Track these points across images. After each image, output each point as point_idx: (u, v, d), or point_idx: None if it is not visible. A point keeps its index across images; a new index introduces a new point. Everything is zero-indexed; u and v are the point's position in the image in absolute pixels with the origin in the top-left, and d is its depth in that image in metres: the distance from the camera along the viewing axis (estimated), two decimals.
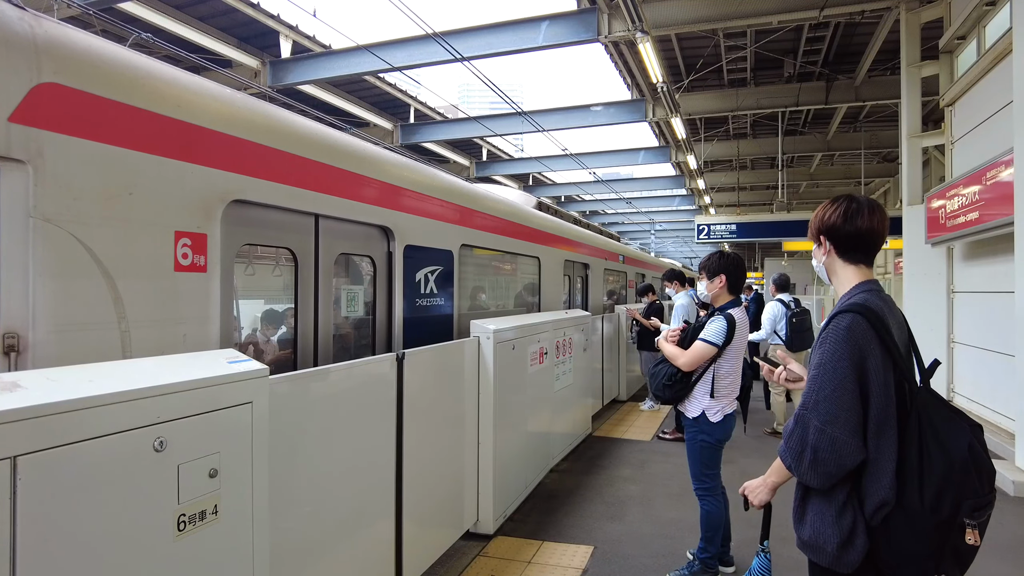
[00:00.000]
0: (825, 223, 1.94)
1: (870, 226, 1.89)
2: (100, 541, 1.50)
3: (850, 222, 1.89)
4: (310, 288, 3.57)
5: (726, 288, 3.58)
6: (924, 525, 1.61)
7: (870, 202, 1.92)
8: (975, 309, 7.92)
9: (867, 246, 1.92)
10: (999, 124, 6.81)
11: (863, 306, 1.75)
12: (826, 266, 2.00)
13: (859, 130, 15.99)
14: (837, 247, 1.94)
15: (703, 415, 3.48)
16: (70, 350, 2.12)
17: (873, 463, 1.69)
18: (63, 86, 2.12)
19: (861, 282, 1.89)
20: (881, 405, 1.69)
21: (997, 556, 3.94)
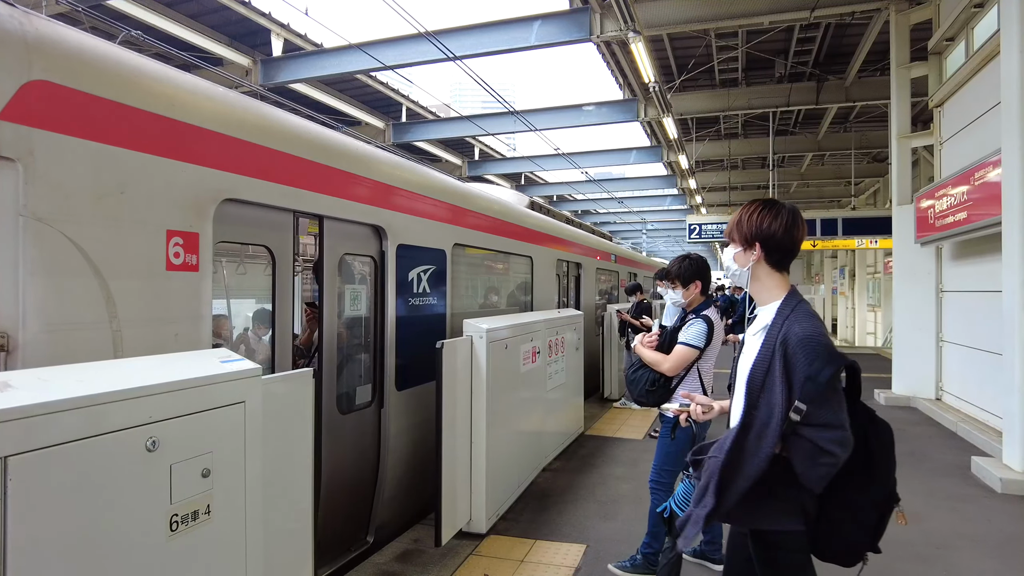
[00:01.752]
0: (764, 230, 1.93)
1: (801, 237, 1.95)
2: (92, 542, 1.49)
3: (789, 233, 1.92)
4: (288, 288, 3.39)
5: (700, 291, 3.63)
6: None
7: (798, 211, 1.97)
8: (963, 308, 7.99)
9: (793, 256, 1.97)
10: (987, 125, 6.87)
11: (819, 319, 1.86)
12: (751, 272, 1.98)
13: (849, 130, 16.09)
14: (768, 255, 1.95)
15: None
16: (61, 349, 2.11)
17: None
18: (53, 84, 2.11)
19: (792, 292, 1.94)
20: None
21: (984, 552, 3.98)
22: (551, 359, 5.78)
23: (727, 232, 2.07)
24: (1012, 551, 4.01)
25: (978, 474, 5.54)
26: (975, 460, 5.67)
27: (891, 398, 9.06)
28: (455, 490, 4.07)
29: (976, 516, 4.62)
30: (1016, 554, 3.97)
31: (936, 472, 5.67)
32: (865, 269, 24.27)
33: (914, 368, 9.02)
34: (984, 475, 5.42)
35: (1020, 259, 5.23)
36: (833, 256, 30.48)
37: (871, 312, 23.66)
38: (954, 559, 3.88)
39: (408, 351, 4.30)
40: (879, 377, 10.83)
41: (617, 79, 12.67)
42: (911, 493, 5.08)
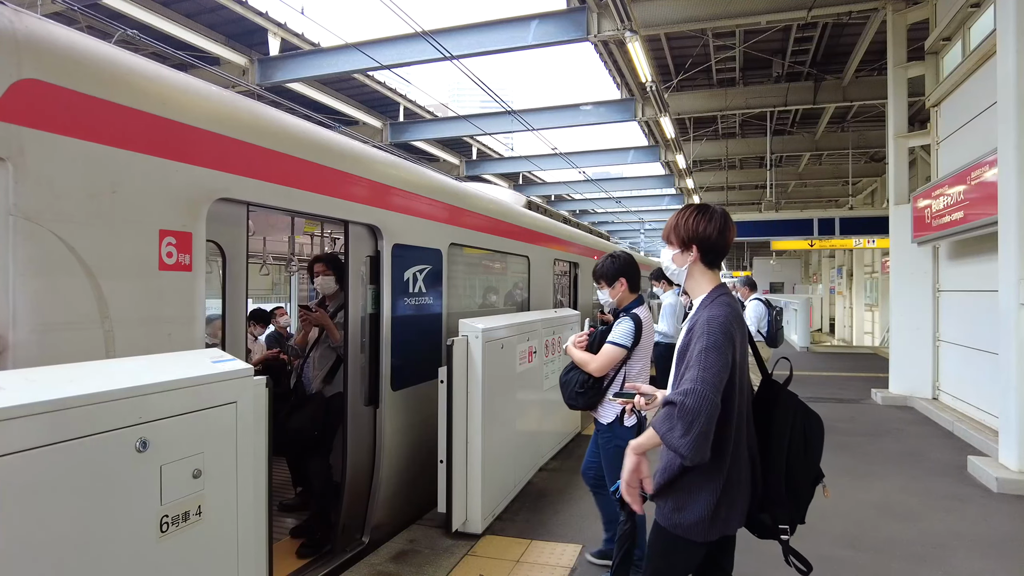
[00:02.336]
0: (699, 234, 2.11)
1: (732, 238, 2.16)
2: (81, 543, 1.48)
3: (722, 236, 2.12)
4: (241, 287, 3.33)
5: (627, 289, 3.56)
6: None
7: (728, 214, 2.16)
8: (960, 308, 8.00)
9: (723, 257, 2.19)
10: (983, 125, 6.88)
11: (732, 308, 2.03)
12: (687, 271, 2.17)
13: (847, 130, 16.12)
14: (703, 255, 2.14)
15: (617, 420, 3.41)
16: (52, 350, 2.10)
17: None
18: (44, 82, 2.10)
19: (718, 286, 2.12)
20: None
21: (980, 552, 3.98)
22: (548, 359, 5.77)
23: (664, 235, 2.23)
24: (1008, 550, 4.01)
25: (974, 473, 5.54)
26: (971, 460, 5.68)
27: (888, 398, 9.07)
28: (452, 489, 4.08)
29: (972, 515, 4.62)
30: (1012, 553, 3.97)
31: (933, 472, 5.67)
32: (863, 269, 24.33)
33: (911, 368, 9.02)
34: (980, 474, 5.43)
35: (1016, 258, 5.24)
36: (831, 256, 30.56)
37: (869, 312, 23.72)
38: (950, 558, 3.88)
39: (404, 351, 4.29)
40: (876, 377, 10.85)
41: (615, 79, 12.68)
42: (907, 493, 5.09)
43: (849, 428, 7.43)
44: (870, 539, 4.17)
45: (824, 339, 27.78)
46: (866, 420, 7.92)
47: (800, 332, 17.69)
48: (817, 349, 17.84)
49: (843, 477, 5.49)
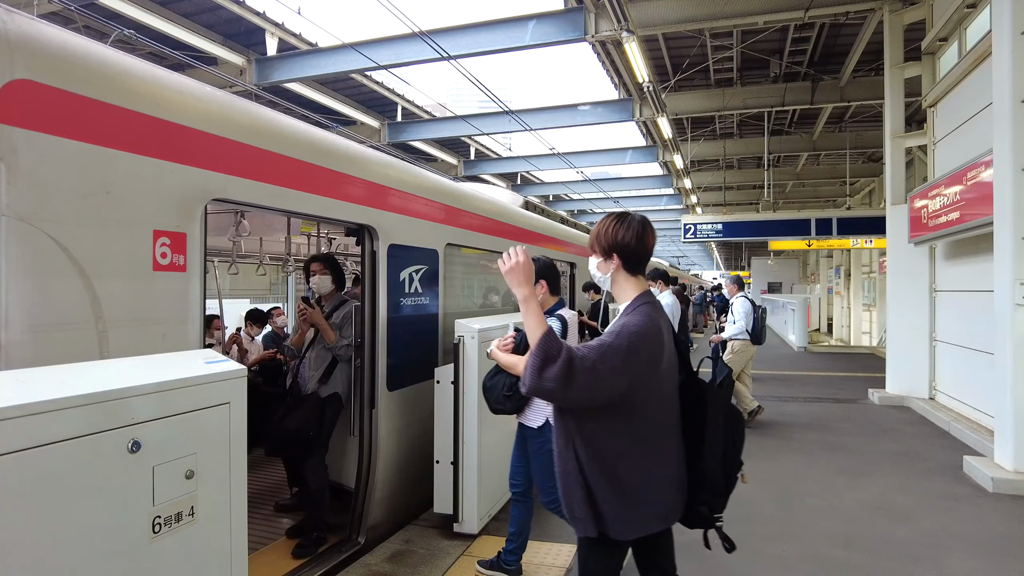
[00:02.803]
0: (619, 242, 2.17)
1: (653, 244, 2.22)
2: (72, 544, 1.48)
3: (641, 243, 2.18)
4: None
5: (547, 292, 3.56)
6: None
7: (648, 222, 2.23)
8: (956, 308, 8.02)
9: (646, 262, 2.23)
10: (980, 125, 6.89)
11: (651, 318, 2.05)
12: (611, 278, 2.22)
13: (844, 130, 16.14)
14: (625, 263, 2.19)
15: (548, 423, 3.37)
16: (45, 351, 2.10)
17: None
18: (37, 83, 2.10)
19: (642, 294, 2.17)
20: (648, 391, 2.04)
21: (975, 552, 3.98)
22: None
23: (589, 244, 2.28)
24: (1003, 550, 4.02)
25: (970, 473, 5.55)
26: (967, 459, 5.69)
27: (885, 397, 9.08)
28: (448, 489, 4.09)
29: (967, 515, 4.63)
30: (1007, 553, 3.98)
31: (929, 471, 5.68)
32: (860, 269, 24.36)
33: (908, 368, 9.04)
34: (976, 474, 5.44)
35: (1011, 259, 5.25)
36: (829, 256, 30.59)
37: (866, 312, 23.75)
38: (945, 558, 3.89)
39: (400, 351, 4.30)
40: (873, 377, 10.87)
41: (612, 79, 12.69)
42: (903, 493, 5.10)
43: (846, 428, 7.45)
44: (865, 539, 4.17)
45: (822, 339, 27.81)
46: (863, 420, 7.93)
47: (798, 332, 17.70)
48: (815, 349, 17.85)
49: (839, 477, 5.50)
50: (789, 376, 12.09)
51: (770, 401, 9.25)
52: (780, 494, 5.06)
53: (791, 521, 4.49)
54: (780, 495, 5.03)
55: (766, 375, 12.13)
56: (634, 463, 2.04)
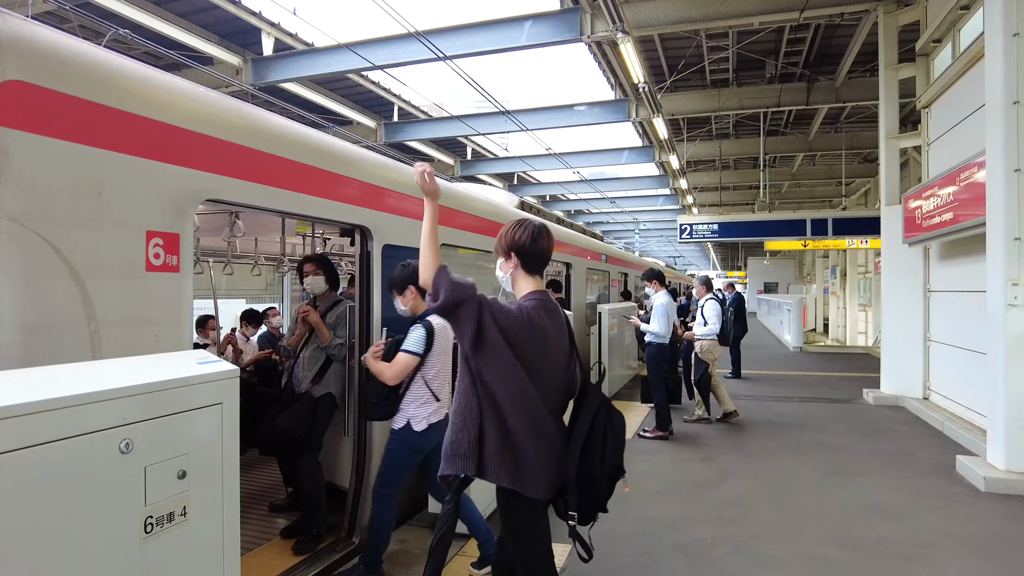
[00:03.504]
0: (516, 243, 2.42)
1: (548, 247, 2.46)
2: (63, 545, 1.48)
3: (535, 243, 2.42)
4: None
5: (418, 297, 3.59)
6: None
7: (545, 227, 2.47)
8: (950, 308, 8.06)
9: (543, 262, 2.47)
10: (973, 126, 6.92)
11: (529, 310, 2.31)
12: (511, 277, 2.47)
13: (840, 131, 16.18)
14: (523, 262, 2.43)
15: (408, 425, 3.45)
16: (37, 351, 2.10)
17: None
18: (29, 84, 2.10)
19: (535, 291, 2.42)
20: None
21: (967, 551, 4.01)
22: None
23: (494, 248, 2.51)
24: (994, 550, 4.04)
25: (963, 473, 5.58)
26: (960, 459, 5.72)
27: (879, 397, 9.12)
28: None
29: (960, 515, 4.65)
30: (998, 552, 4.00)
31: (922, 471, 5.71)
32: (856, 269, 24.42)
33: (902, 367, 9.08)
34: (968, 474, 5.47)
35: (1003, 260, 5.28)
36: (825, 256, 30.67)
37: (862, 312, 23.80)
38: (937, 558, 3.91)
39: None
40: (868, 377, 10.90)
41: (608, 79, 12.69)
42: (897, 492, 5.12)
43: (840, 428, 7.47)
44: (858, 538, 4.19)
45: (818, 339, 27.88)
46: (857, 420, 7.97)
47: (793, 332, 17.75)
48: (810, 349, 17.91)
49: (833, 477, 5.52)
50: (784, 376, 12.13)
51: (765, 401, 9.29)
52: (774, 494, 5.08)
53: (785, 521, 4.51)
54: (774, 495, 5.06)
55: (761, 375, 12.16)
56: (519, 425, 2.24)
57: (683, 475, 5.59)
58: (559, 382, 2.41)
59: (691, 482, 5.39)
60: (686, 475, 5.59)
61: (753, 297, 38.22)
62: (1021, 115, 5.23)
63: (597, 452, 2.33)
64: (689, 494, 5.09)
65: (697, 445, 6.65)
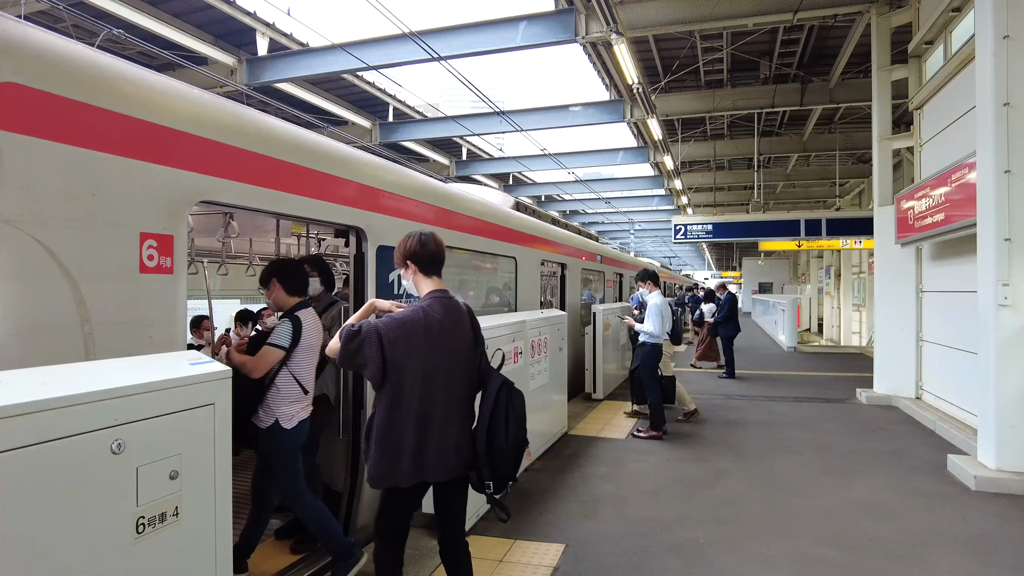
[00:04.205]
0: (409, 251, 2.77)
1: (435, 248, 2.79)
2: (54, 545, 1.49)
3: (424, 248, 2.76)
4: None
5: (284, 292, 3.53)
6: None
7: (431, 233, 2.82)
8: (942, 308, 8.10)
9: (436, 263, 2.80)
10: (964, 128, 6.97)
11: (427, 310, 2.63)
12: (413, 282, 2.80)
13: (834, 131, 16.25)
14: (419, 267, 2.76)
15: (277, 423, 3.36)
16: (31, 353, 2.10)
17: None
18: (22, 86, 2.10)
19: (433, 291, 2.75)
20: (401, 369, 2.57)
21: (957, 550, 4.04)
22: (534, 359, 5.80)
23: (395, 263, 2.87)
24: (984, 548, 4.07)
25: (954, 472, 5.62)
26: (951, 458, 5.75)
27: (873, 397, 9.16)
28: None
29: (951, 514, 4.68)
30: (988, 551, 4.03)
31: (914, 470, 5.75)
32: (850, 269, 24.53)
33: (895, 367, 9.12)
34: (960, 473, 5.50)
35: (994, 260, 5.31)
36: (819, 256, 30.78)
37: (856, 312, 23.91)
38: (927, 556, 3.94)
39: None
40: (862, 376, 10.95)
41: (603, 80, 12.73)
42: (889, 491, 5.15)
43: (834, 428, 7.51)
44: (851, 537, 4.22)
45: (812, 339, 27.99)
46: (851, 420, 8.00)
47: (787, 332, 17.81)
48: (804, 349, 17.97)
49: (827, 476, 5.55)
50: (778, 376, 12.17)
51: (759, 401, 9.32)
52: (768, 493, 5.10)
53: (778, 520, 4.53)
54: (768, 494, 5.08)
55: (755, 375, 12.20)
56: (400, 426, 2.56)
57: (677, 475, 5.61)
58: (462, 370, 2.75)
59: (685, 482, 5.41)
60: (680, 475, 5.62)
61: (748, 297, 38.36)
62: (1011, 117, 5.27)
63: (501, 427, 2.65)
64: (683, 494, 5.11)
65: (691, 445, 6.68)
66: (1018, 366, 5.27)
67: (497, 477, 2.68)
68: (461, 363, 2.74)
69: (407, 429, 2.56)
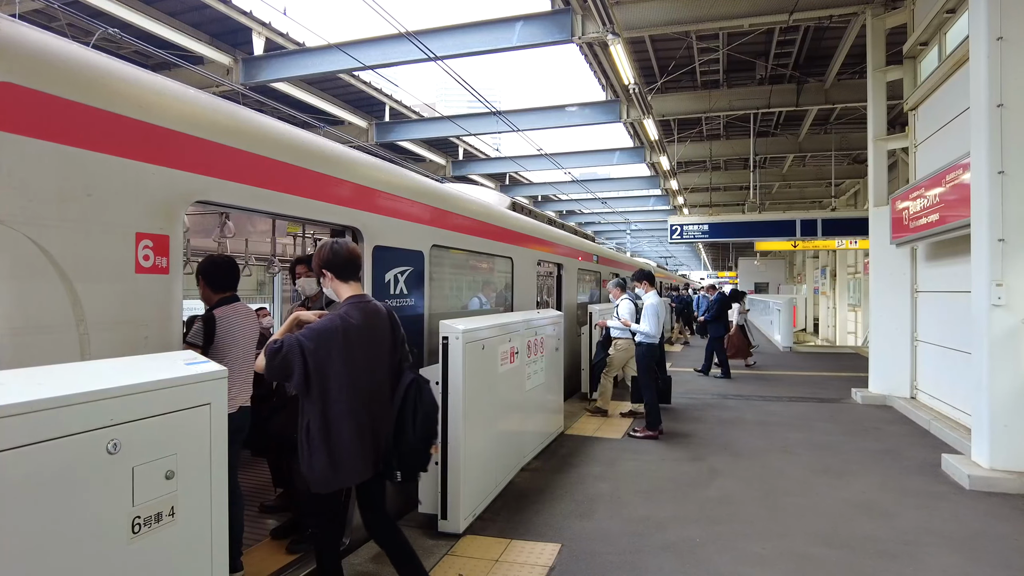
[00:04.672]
0: (323, 260, 2.90)
1: (348, 254, 2.92)
2: (49, 545, 1.49)
3: (336, 255, 2.89)
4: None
5: (209, 289, 3.53)
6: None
7: (344, 242, 2.96)
8: (936, 308, 8.14)
9: (352, 269, 2.94)
10: (959, 128, 7.00)
11: (340, 319, 2.76)
12: (333, 289, 2.93)
13: (830, 132, 16.28)
14: (335, 274, 2.91)
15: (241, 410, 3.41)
16: (25, 353, 2.10)
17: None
18: (17, 85, 2.10)
19: (351, 295, 2.90)
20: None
21: (951, 548, 4.06)
22: (530, 359, 5.81)
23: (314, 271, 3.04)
24: (978, 546, 4.09)
25: (948, 471, 5.65)
26: (945, 457, 5.78)
27: (868, 397, 9.19)
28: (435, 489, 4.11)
29: (945, 512, 4.71)
30: (982, 549, 4.05)
31: (908, 470, 5.77)
32: (846, 269, 24.59)
33: (890, 367, 9.16)
34: (954, 472, 5.53)
35: (988, 260, 5.34)
36: (815, 256, 30.85)
37: (852, 312, 23.98)
38: (922, 555, 3.96)
39: None
40: (857, 376, 10.99)
41: (600, 80, 12.73)
42: (883, 491, 5.18)
43: (829, 428, 7.53)
44: (845, 536, 4.24)
45: (808, 339, 28.05)
46: (846, 419, 8.03)
47: (783, 332, 17.86)
48: (800, 349, 18.02)
49: (822, 476, 5.57)
50: (774, 376, 12.20)
51: (755, 401, 9.35)
52: (763, 493, 5.12)
53: (773, 519, 4.55)
54: (763, 494, 5.10)
55: (751, 375, 12.24)
56: (337, 429, 2.68)
57: (672, 474, 5.63)
58: (384, 369, 2.93)
59: (680, 481, 5.43)
60: (675, 474, 5.63)
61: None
62: (1005, 118, 5.29)
63: (409, 421, 2.85)
64: (678, 493, 5.12)
65: (686, 444, 6.69)
66: (1011, 366, 5.30)
67: (405, 467, 2.87)
68: (382, 363, 2.92)
69: (343, 431, 2.69)
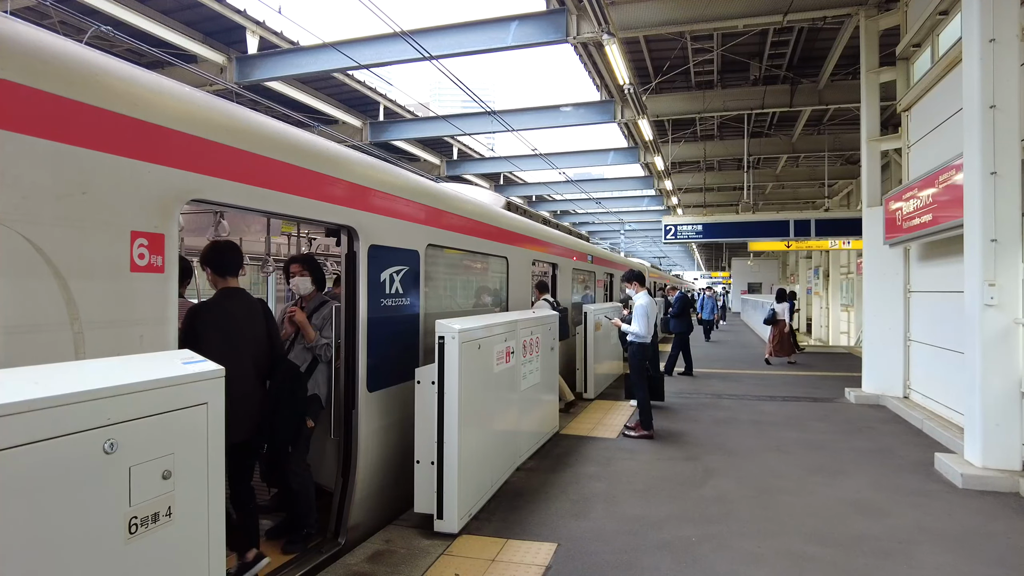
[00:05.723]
0: (204, 259, 3.40)
1: (228, 252, 3.42)
2: (45, 546, 1.48)
3: (217, 255, 3.37)
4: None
5: (216, 275, 3.48)
6: None
7: (226, 241, 3.54)
8: (929, 308, 8.19)
9: (231, 266, 3.42)
10: (951, 129, 7.04)
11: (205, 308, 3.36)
12: (211, 282, 3.38)
13: (823, 133, 16.36)
14: (214, 270, 3.36)
15: None
16: (19, 352, 2.09)
17: None
18: (10, 82, 2.08)
19: (223, 288, 3.39)
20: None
21: (944, 546, 4.08)
22: (525, 359, 5.80)
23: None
24: (970, 544, 4.12)
25: (941, 470, 5.68)
26: (938, 456, 5.81)
27: (861, 396, 9.24)
28: (431, 488, 4.11)
29: (937, 511, 4.74)
30: (974, 547, 4.08)
31: (901, 469, 5.80)
32: (839, 269, 24.68)
33: (883, 367, 9.20)
34: (946, 471, 5.56)
35: (980, 260, 5.38)
36: (808, 256, 30.96)
37: (844, 312, 24.06)
38: (915, 553, 3.98)
39: (380, 352, 4.30)
40: (850, 376, 11.04)
41: (594, 80, 12.73)
42: (876, 490, 5.20)
43: (822, 427, 7.57)
44: (838, 535, 4.26)
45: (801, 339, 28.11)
46: (839, 419, 8.07)
47: None
48: None
49: (816, 475, 5.59)
50: (767, 375, 12.24)
51: (748, 400, 9.38)
52: (757, 492, 5.14)
53: (767, 518, 4.56)
54: (757, 493, 5.11)
55: (744, 374, 12.28)
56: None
57: (667, 473, 5.64)
58: (258, 350, 3.40)
59: (675, 480, 5.44)
60: (670, 473, 5.64)
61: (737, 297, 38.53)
62: (997, 119, 5.33)
63: (287, 405, 3.34)
64: (673, 492, 5.13)
65: (681, 444, 6.71)
66: (1003, 365, 5.33)
67: (274, 442, 3.46)
68: (259, 342, 3.42)
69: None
